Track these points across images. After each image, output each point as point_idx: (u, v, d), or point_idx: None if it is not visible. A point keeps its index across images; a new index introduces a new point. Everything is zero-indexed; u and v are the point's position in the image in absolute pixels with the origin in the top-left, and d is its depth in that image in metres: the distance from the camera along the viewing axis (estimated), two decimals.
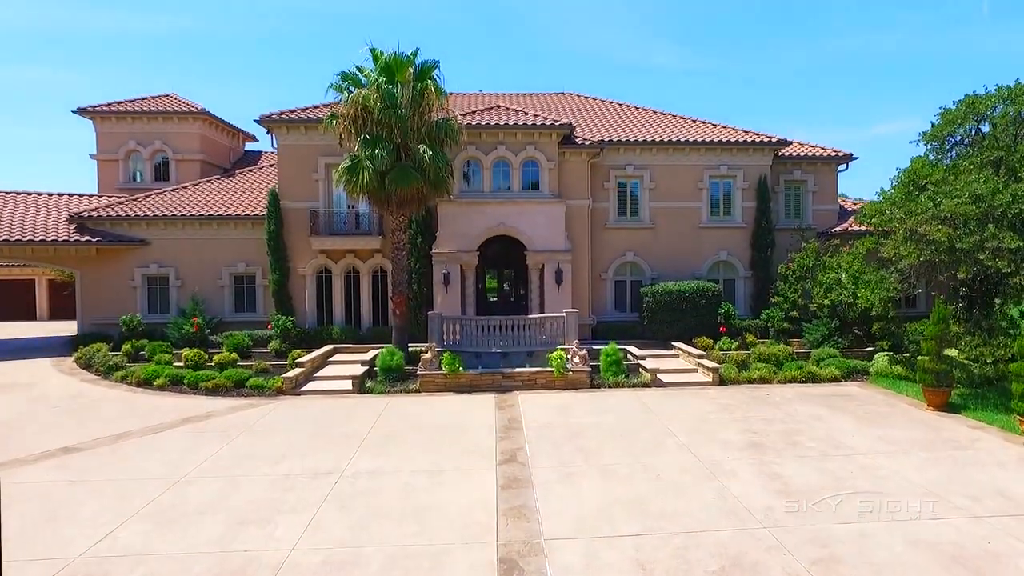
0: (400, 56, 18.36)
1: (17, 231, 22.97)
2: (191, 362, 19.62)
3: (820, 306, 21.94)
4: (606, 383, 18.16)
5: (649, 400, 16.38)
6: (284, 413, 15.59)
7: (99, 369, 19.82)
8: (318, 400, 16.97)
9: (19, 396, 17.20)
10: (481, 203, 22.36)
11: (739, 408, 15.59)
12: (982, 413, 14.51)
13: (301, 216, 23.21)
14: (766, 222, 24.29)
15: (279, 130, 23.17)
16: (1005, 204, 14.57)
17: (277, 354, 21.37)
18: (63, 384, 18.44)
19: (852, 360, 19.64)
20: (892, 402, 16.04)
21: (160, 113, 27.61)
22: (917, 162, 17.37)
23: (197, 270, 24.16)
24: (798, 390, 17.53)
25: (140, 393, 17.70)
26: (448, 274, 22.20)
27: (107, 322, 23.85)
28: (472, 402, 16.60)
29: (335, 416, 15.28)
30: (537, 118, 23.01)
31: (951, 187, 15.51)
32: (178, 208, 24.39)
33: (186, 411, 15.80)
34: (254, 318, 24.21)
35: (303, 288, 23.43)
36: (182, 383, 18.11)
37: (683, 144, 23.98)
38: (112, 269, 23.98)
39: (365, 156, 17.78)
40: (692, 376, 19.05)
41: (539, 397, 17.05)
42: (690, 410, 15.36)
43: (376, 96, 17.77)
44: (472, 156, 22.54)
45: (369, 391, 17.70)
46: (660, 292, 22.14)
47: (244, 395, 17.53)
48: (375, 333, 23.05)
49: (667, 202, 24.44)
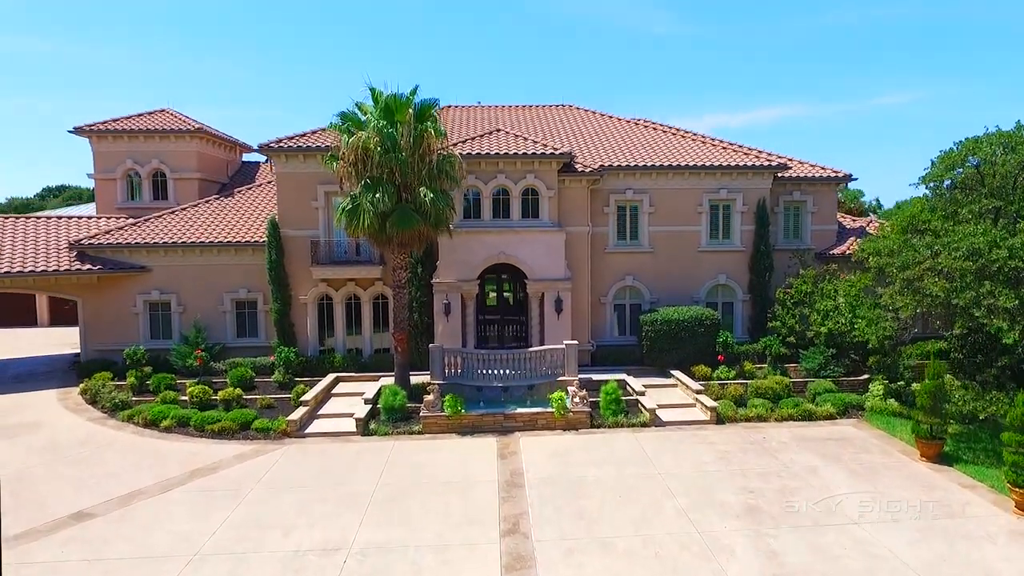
0: (399, 97, 18.28)
1: (18, 260, 23.00)
2: (196, 399, 19.83)
3: (817, 333, 22.18)
4: (606, 423, 18.46)
5: (648, 447, 16.67)
6: (289, 463, 15.87)
7: (105, 406, 20.05)
8: (322, 444, 17.25)
9: (28, 441, 17.45)
10: (481, 232, 22.40)
11: (737, 457, 15.90)
12: (973, 467, 14.83)
13: (301, 244, 23.25)
14: (764, 246, 24.38)
15: (278, 158, 23.09)
16: (1002, 260, 14.72)
17: (280, 386, 21.61)
18: (71, 426, 18.66)
19: (848, 395, 19.93)
20: (887, 448, 16.37)
21: (157, 132, 27.42)
22: (916, 206, 17.46)
23: (199, 296, 24.26)
24: (795, 431, 17.85)
25: (148, 436, 17.96)
26: (449, 304, 22.34)
27: (111, 348, 24.01)
28: (474, 448, 16.88)
29: (340, 467, 15.57)
30: (537, 145, 22.94)
31: (949, 238, 15.64)
32: (178, 232, 24.40)
33: (194, 461, 16.07)
34: (256, 343, 24.40)
35: (304, 316, 23.58)
36: (188, 424, 18.37)
37: (683, 168, 23.96)
38: (114, 295, 24.07)
39: (366, 200, 17.80)
40: (690, 413, 19.36)
41: (540, 441, 17.34)
42: (689, 461, 15.66)
43: (376, 139, 17.73)
44: (472, 185, 22.51)
45: (373, 433, 17.98)
46: (659, 321, 22.33)
47: (250, 438, 17.81)
48: (377, 360, 23.27)
49: (666, 226, 24.49)
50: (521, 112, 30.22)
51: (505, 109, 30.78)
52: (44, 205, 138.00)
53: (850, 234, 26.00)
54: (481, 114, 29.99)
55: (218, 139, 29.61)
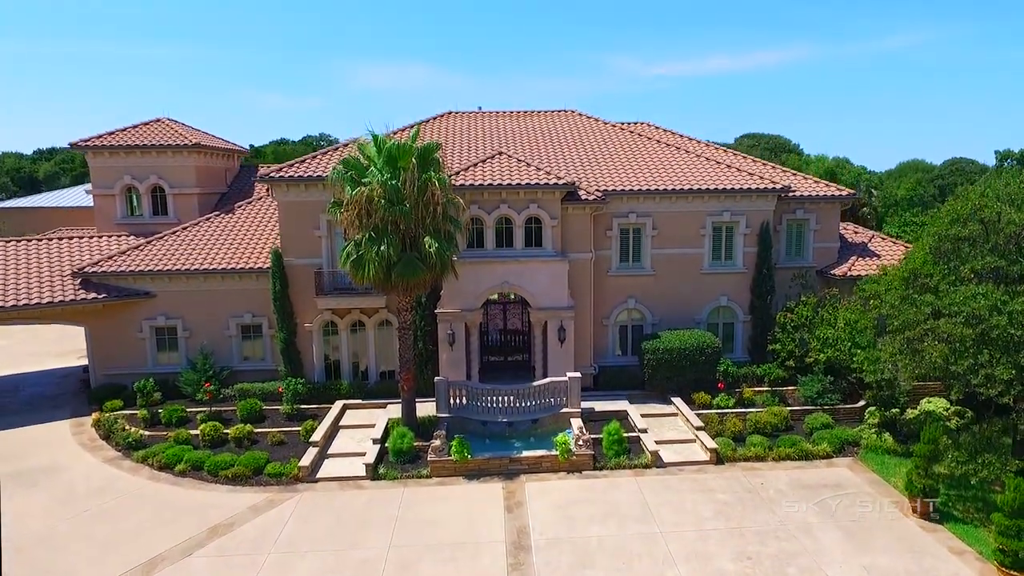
0: (402, 146, 18.11)
1: (23, 290, 23.08)
2: (208, 437, 20.29)
3: (815, 360, 22.54)
4: (608, 464, 18.97)
5: (650, 496, 17.20)
6: (302, 520, 16.38)
7: (119, 443, 20.50)
8: (333, 494, 17.74)
9: (50, 488, 17.96)
10: (485, 263, 22.45)
11: (736, 511, 16.42)
12: (963, 527, 15.38)
13: (305, 273, 23.31)
14: (767, 269, 24.49)
15: (278, 187, 22.93)
16: (1002, 327, 14.92)
17: (289, 417, 22.04)
18: (88, 470, 19.13)
19: (844, 430, 20.40)
20: (880, 499, 16.90)
21: (154, 147, 27.00)
22: (918, 259, 17.50)
23: (204, 320, 24.46)
24: (792, 474, 18.38)
25: (164, 482, 18.48)
26: (453, 333, 22.57)
27: (119, 372, 24.39)
28: (481, 498, 17.37)
29: (352, 522, 16.13)
30: (540, 174, 22.75)
31: (950, 299, 15.79)
32: (182, 256, 24.43)
33: (211, 516, 16.60)
34: (263, 366, 24.75)
35: (310, 343, 23.84)
36: (202, 469, 18.84)
37: (687, 192, 23.84)
38: (120, 321, 24.26)
39: (371, 252, 17.82)
40: (690, 449, 19.88)
41: (545, 489, 17.84)
42: (689, 517, 16.19)
43: (380, 191, 17.63)
44: (475, 215, 22.43)
45: (382, 477, 18.51)
46: (661, 350, 22.63)
47: (263, 484, 18.33)
48: (382, 386, 23.69)
49: (669, 248, 24.53)
50: (522, 120, 29.76)
51: (506, 116, 30.31)
52: (36, 169, 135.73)
53: (852, 251, 26.05)
54: (482, 122, 29.56)
55: (216, 150, 29.23)
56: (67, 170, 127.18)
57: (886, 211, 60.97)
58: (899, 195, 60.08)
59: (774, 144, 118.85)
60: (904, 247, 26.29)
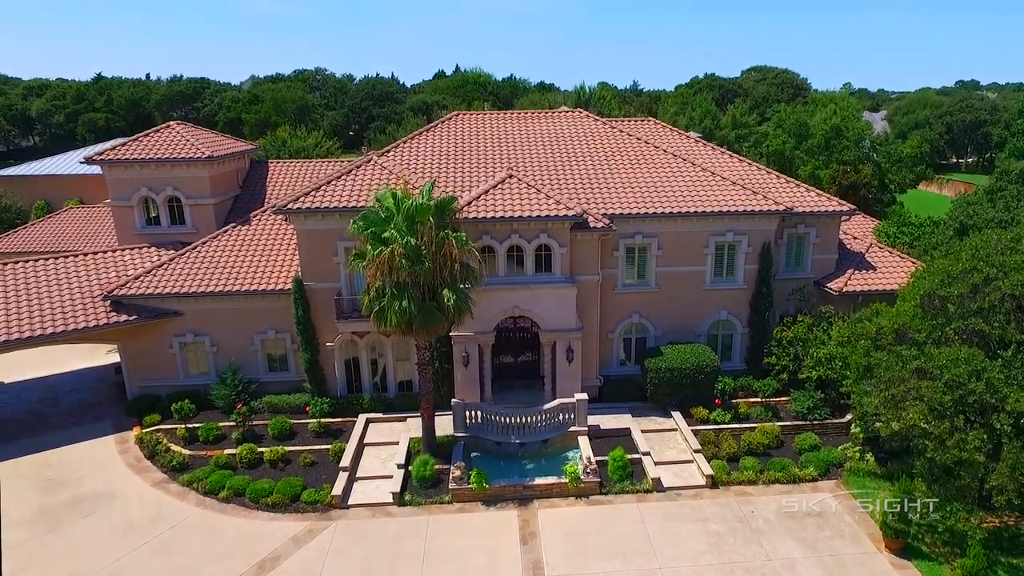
0: (421, 206, 18.87)
1: (59, 315, 24.22)
2: (245, 460, 22.10)
3: (808, 377, 24.04)
4: (613, 489, 20.83)
5: (651, 528, 19.10)
6: (341, 554, 18.32)
7: (163, 465, 22.31)
8: (365, 524, 19.64)
9: (109, 518, 19.87)
10: (497, 289, 23.49)
11: (728, 541, 18.41)
12: (928, 565, 17.32)
13: (325, 295, 24.42)
14: (767, 287, 25.56)
15: (297, 218, 23.66)
16: (979, 393, 16.25)
17: (317, 434, 23.78)
18: (140, 496, 20.99)
19: (829, 451, 22.19)
20: (858, 532, 18.80)
21: (168, 161, 27.42)
22: (906, 313, 18.57)
23: (230, 336, 25.79)
24: (780, 501, 20.25)
25: (210, 509, 20.40)
26: (467, 355, 23.96)
27: (153, 384, 26.02)
28: (498, 527, 19.30)
29: (384, 563, 18.00)
30: (550, 203, 23.37)
31: (933, 363, 17.03)
32: (205, 274, 25.47)
33: (257, 548, 18.59)
34: (287, 377, 26.31)
35: (332, 360, 25.27)
36: (244, 495, 20.73)
37: (693, 215, 24.59)
38: (151, 338, 25.60)
39: (393, 308, 18.93)
40: (688, 471, 21.71)
41: (556, 517, 19.74)
42: (686, 551, 18.14)
43: (401, 252, 18.52)
44: (487, 244, 23.29)
45: (408, 503, 20.42)
46: (663, 369, 24.09)
47: (300, 511, 20.25)
48: (402, 399, 25.32)
49: (673, 266, 25.51)
50: (529, 123, 29.90)
51: (513, 118, 30.47)
52: (28, 107, 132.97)
53: (850, 261, 26.98)
54: (490, 124, 29.77)
55: (228, 158, 29.55)
56: (59, 107, 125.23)
57: (891, 167, 60.97)
58: (904, 152, 59.87)
59: (782, 80, 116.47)
60: (899, 257, 27.26)
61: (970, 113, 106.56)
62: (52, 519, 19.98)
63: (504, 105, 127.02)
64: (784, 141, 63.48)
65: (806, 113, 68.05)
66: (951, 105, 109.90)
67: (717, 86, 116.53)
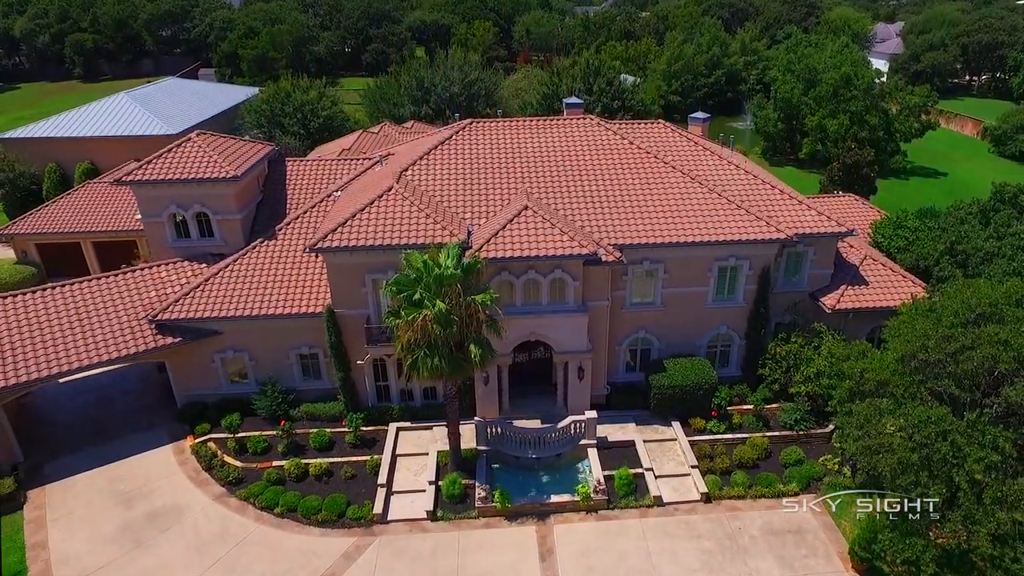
0: (450, 275, 20.53)
1: (111, 341, 26.29)
2: (293, 475, 24.96)
3: (798, 392, 26.55)
4: (619, 504, 23.82)
5: (652, 546, 22.21)
6: (387, 570, 21.49)
7: (220, 478, 25.19)
8: (405, 540, 22.71)
9: (181, 536, 22.93)
10: (515, 318, 25.38)
11: (717, 559, 21.57)
12: None
13: (354, 320, 26.41)
14: (764, 308, 27.48)
15: (327, 254, 25.18)
16: (944, 453, 18.66)
17: (353, 446, 26.55)
18: (205, 510, 23.96)
19: (811, 465, 25.03)
20: (829, 549, 21.94)
21: (194, 181, 28.39)
22: (886, 369, 20.59)
23: (267, 352, 28.01)
24: (765, 517, 23.28)
25: (267, 524, 23.45)
26: (487, 375, 26.29)
27: (199, 393, 28.53)
28: (520, 545, 22.39)
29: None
30: (564, 238, 24.70)
31: (905, 420, 19.32)
32: (241, 294, 27.30)
33: (314, 564, 21.79)
34: (321, 385, 28.78)
35: (363, 376, 27.62)
36: (296, 511, 23.73)
37: (699, 245, 26.11)
38: (193, 355, 27.80)
39: (425, 365, 21.02)
40: (685, 485, 24.64)
41: (570, 533, 22.81)
42: (681, 570, 21.29)
43: (432, 317, 20.36)
44: (505, 280, 24.98)
45: (440, 519, 23.46)
46: (666, 386, 26.53)
47: (346, 526, 23.31)
48: (427, 408, 27.94)
49: (678, 288, 27.30)
50: (541, 133, 30.53)
51: (526, 124, 31.06)
52: (11, 26, 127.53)
53: (844, 276, 28.66)
54: (503, 134, 30.45)
55: (250, 171, 30.37)
56: (43, 26, 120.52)
57: (898, 116, 60.89)
58: (912, 103, 59.58)
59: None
60: (891, 271, 28.99)
61: (988, 34, 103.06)
62: (135, 535, 23.02)
63: (505, 22, 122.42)
64: (793, 87, 62.93)
65: (815, 48, 66.72)
66: (968, 24, 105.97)
67: (727, 4, 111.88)
